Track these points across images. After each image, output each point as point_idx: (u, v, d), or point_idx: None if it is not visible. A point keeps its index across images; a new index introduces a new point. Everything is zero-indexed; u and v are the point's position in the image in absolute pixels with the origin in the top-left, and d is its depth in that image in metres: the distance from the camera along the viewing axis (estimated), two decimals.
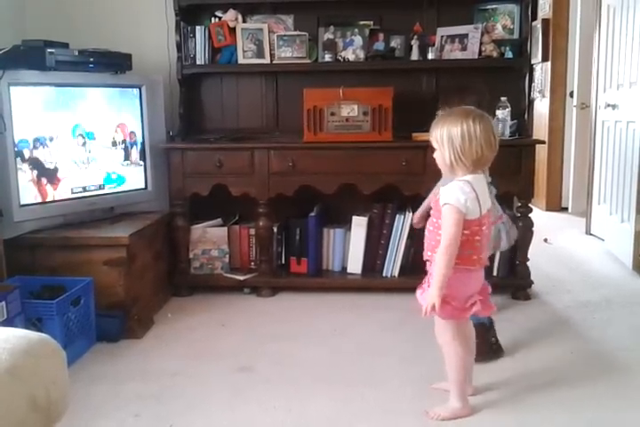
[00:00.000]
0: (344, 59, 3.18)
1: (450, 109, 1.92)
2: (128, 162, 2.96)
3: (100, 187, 2.85)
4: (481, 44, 3.12)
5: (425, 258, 1.94)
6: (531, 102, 3.47)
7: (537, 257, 3.27)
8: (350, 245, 3.20)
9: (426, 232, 1.95)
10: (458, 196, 1.79)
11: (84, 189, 2.78)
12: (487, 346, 2.31)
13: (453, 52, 3.15)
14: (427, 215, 2.11)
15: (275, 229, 3.19)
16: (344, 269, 3.24)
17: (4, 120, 2.41)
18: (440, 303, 1.80)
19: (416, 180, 2.96)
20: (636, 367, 2.28)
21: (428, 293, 1.83)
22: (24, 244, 2.57)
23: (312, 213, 3.18)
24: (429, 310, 1.81)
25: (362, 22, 3.23)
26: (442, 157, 1.85)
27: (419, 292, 1.95)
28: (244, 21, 3.25)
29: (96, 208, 2.84)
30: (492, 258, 3.01)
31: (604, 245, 4.07)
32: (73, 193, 2.73)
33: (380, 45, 3.19)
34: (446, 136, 1.80)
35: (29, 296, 2.37)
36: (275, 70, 3.30)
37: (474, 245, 1.84)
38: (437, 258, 1.82)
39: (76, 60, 2.69)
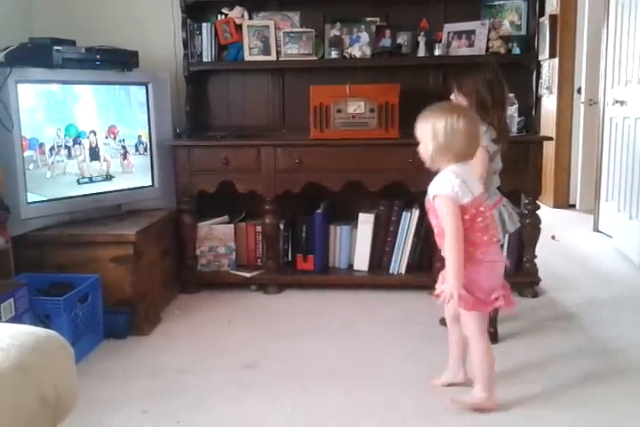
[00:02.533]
0: (350, 55, 3.17)
1: (436, 104, 1.96)
2: (135, 159, 2.97)
3: (107, 184, 2.85)
4: (488, 40, 3.11)
5: (443, 254, 1.93)
6: (538, 99, 3.45)
7: (544, 254, 3.26)
8: (357, 242, 3.19)
9: (436, 235, 1.96)
10: (445, 185, 1.83)
11: (91, 187, 2.78)
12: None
13: (460, 49, 3.13)
14: None
15: (281, 227, 3.19)
16: (350, 266, 3.24)
17: (11, 117, 2.42)
18: (463, 295, 1.82)
19: (423, 177, 2.89)
20: None
21: (447, 284, 1.84)
22: (32, 241, 2.58)
23: (318, 210, 3.18)
24: (448, 297, 1.83)
25: (368, 19, 3.22)
26: (425, 150, 1.89)
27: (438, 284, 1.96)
28: (251, 18, 3.25)
29: (103, 205, 2.85)
30: None
31: (612, 242, 4.05)
32: (80, 190, 2.74)
33: (386, 42, 3.19)
34: (430, 130, 1.84)
35: (37, 293, 2.38)
36: (281, 67, 3.30)
37: (479, 226, 1.86)
38: (447, 248, 1.83)
39: (82, 58, 2.69)
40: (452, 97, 2.42)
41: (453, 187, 1.82)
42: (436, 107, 1.90)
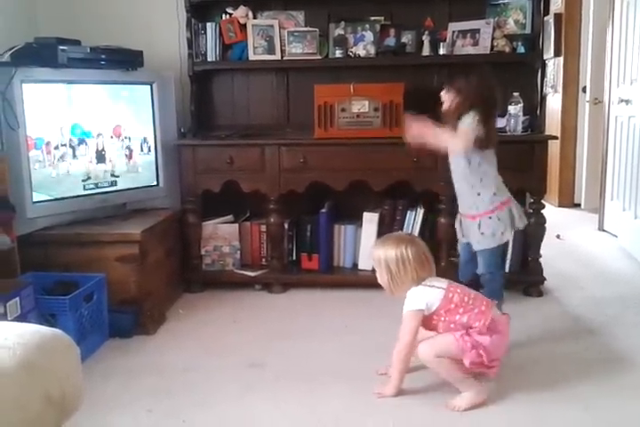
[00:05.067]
0: (355, 54, 3.17)
1: (384, 236, 2.16)
2: (140, 158, 2.97)
3: (112, 183, 2.86)
4: (493, 39, 3.10)
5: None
6: (543, 98, 3.43)
7: (549, 253, 3.26)
8: (361, 241, 3.19)
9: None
10: (413, 300, 1.99)
11: (97, 186, 2.79)
12: None
13: (465, 48, 3.13)
14: None
15: (286, 226, 3.19)
16: (355, 265, 3.24)
17: (16, 117, 2.42)
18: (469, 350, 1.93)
19: (427, 175, 2.95)
20: None
21: None
22: (37, 240, 2.58)
23: (323, 210, 3.18)
24: None
25: (373, 18, 3.22)
26: (382, 280, 2.05)
27: None
28: (255, 18, 3.25)
29: (108, 205, 2.86)
30: (504, 253, 3.00)
31: (617, 241, 4.04)
32: (85, 190, 2.75)
33: (390, 41, 3.18)
34: (383, 262, 2.01)
35: (43, 292, 2.39)
36: (285, 66, 3.30)
37: (466, 312, 1.96)
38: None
39: (87, 58, 2.70)
40: (442, 94, 2.43)
41: (420, 297, 1.97)
42: (384, 239, 2.08)
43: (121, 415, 1.96)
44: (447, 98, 2.41)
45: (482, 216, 2.40)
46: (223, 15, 3.23)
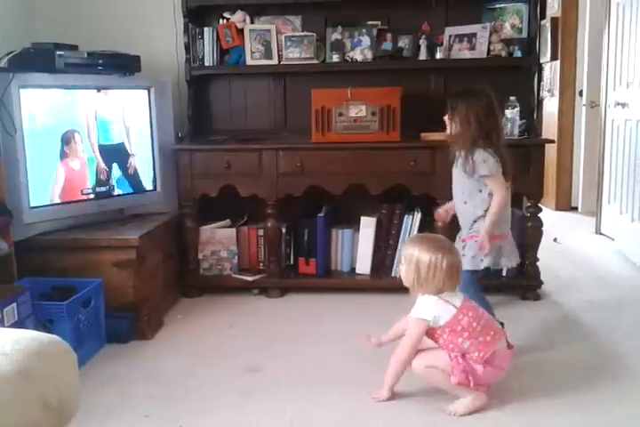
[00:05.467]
0: (352, 59, 3.18)
1: (424, 236, 2.14)
2: (137, 163, 2.97)
3: (110, 188, 2.86)
4: (489, 43, 3.11)
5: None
6: (540, 101, 3.45)
7: (546, 257, 3.25)
8: (359, 245, 3.19)
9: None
10: (422, 309, 1.98)
11: (94, 191, 2.79)
12: None
13: (462, 52, 3.14)
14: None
15: (283, 230, 3.19)
16: (352, 269, 3.24)
17: (13, 122, 2.42)
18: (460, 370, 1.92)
19: (425, 180, 2.96)
20: None
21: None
22: (34, 245, 2.58)
23: (320, 214, 3.18)
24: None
25: (369, 22, 3.23)
26: (406, 277, 2.01)
27: None
28: (252, 22, 3.26)
29: (106, 210, 2.85)
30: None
31: (615, 244, 4.04)
32: (83, 195, 2.75)
33: (387, 45, 3.19)
34: (414, 262, 1.96)
35: (40, 298, 2.38)
36: (283, 71, 3.30)
37: (479, 329, 1.94)
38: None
39: (85, 63, 2.70)
40: (446, 119, 2.43)
41: (430, 309, 1.96)
42: (423, 239, 2.03)
43: (118, 421, 1.96)
44: (450, 123, 2.41)
45: (471, 239, 2.39)
46: (220, 20, 3.24)
